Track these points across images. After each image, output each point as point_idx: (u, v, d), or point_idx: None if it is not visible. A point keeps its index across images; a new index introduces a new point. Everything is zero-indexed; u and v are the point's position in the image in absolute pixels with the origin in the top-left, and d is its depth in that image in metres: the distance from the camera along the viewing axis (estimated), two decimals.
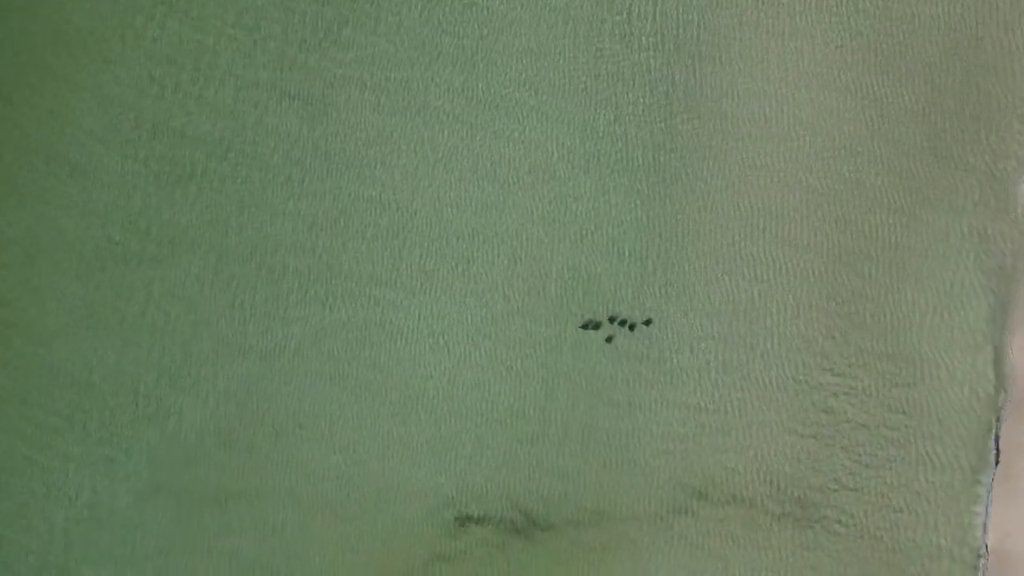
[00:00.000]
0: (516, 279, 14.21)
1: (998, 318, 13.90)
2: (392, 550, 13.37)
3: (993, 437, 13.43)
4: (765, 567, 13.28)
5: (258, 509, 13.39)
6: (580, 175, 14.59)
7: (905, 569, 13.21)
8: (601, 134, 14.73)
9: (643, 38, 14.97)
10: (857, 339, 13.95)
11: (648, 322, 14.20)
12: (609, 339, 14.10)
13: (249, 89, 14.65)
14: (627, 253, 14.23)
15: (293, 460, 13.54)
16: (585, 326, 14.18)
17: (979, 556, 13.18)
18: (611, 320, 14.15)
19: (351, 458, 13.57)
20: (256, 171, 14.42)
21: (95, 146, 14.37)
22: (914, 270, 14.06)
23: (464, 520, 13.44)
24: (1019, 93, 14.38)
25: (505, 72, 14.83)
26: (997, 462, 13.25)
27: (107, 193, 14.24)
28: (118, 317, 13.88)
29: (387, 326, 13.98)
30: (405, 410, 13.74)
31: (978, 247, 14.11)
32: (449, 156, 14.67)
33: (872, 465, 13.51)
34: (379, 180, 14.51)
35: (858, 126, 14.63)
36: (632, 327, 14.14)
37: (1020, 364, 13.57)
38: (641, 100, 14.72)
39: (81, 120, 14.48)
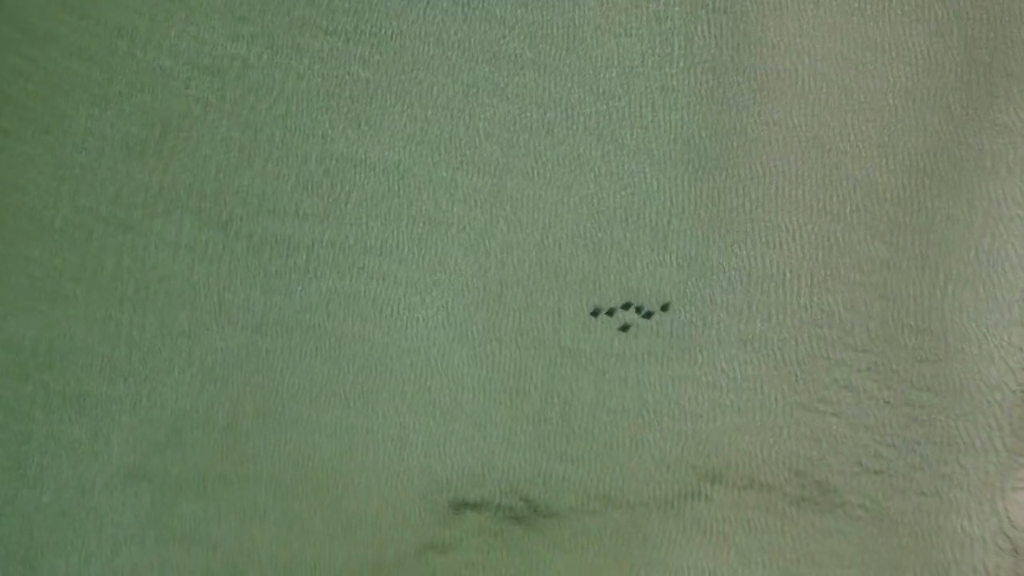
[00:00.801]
0: (516, 246, 13.41)
1: None
2: (382, 538, 12.63)
3: None
4: (783, 554, 12.57)
5: (239, 494, 12.59)
6: (584, 134, 13.74)
7: (932, 557, 12.49)
8: (606, 90, 13.87)
9: None
10: (881, 311, 13.17)
11: (666, 307, 13.44)
12: (624, 328, 13.33)
13: (230, 43, 13.71)
14: (634, 218, 13.41)
15: (276, 441, 12.73)
16: (595, 313, 13.42)
17: None
18: (625, 307, 13.43)
19: (338, 439, 12.77)
20: (235, 131, 13.50)
21: (58, 113, 13.43)
22: (944, 238, 13.29)
23: (459, 506, 12.68)
24: None
25: (503, 23, 13.93)
26: None
27: (73, 158, 13.29)
28: (87, 288, 12.98)
29: (377, 297, 13.17)
30: (396, 388, 12.92)
31: (1013, 214, 13.37)
32: (443, 113, 13.80)
33: (897, 446, 12.79)
34: (367, 139, 13.61)
35: (883, 82, 13.79)
36: (648, 315, 13.41)
37: None
38: (650, 54, 13.89)
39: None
